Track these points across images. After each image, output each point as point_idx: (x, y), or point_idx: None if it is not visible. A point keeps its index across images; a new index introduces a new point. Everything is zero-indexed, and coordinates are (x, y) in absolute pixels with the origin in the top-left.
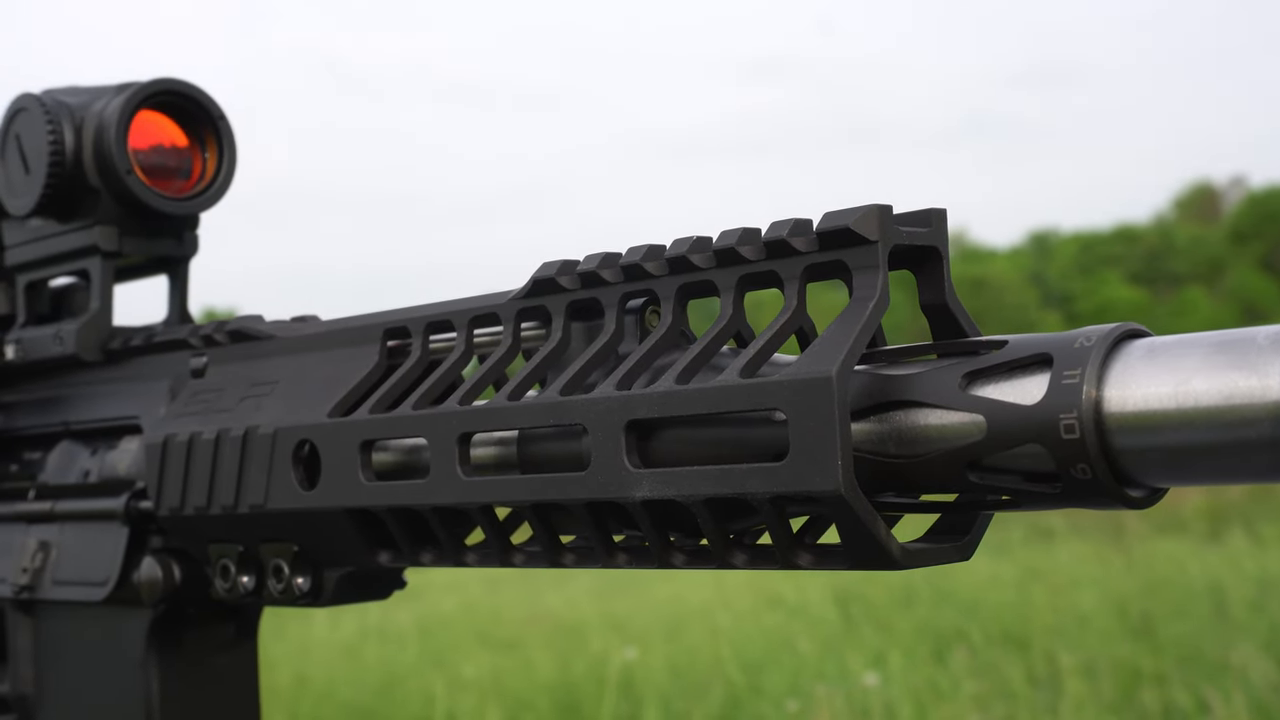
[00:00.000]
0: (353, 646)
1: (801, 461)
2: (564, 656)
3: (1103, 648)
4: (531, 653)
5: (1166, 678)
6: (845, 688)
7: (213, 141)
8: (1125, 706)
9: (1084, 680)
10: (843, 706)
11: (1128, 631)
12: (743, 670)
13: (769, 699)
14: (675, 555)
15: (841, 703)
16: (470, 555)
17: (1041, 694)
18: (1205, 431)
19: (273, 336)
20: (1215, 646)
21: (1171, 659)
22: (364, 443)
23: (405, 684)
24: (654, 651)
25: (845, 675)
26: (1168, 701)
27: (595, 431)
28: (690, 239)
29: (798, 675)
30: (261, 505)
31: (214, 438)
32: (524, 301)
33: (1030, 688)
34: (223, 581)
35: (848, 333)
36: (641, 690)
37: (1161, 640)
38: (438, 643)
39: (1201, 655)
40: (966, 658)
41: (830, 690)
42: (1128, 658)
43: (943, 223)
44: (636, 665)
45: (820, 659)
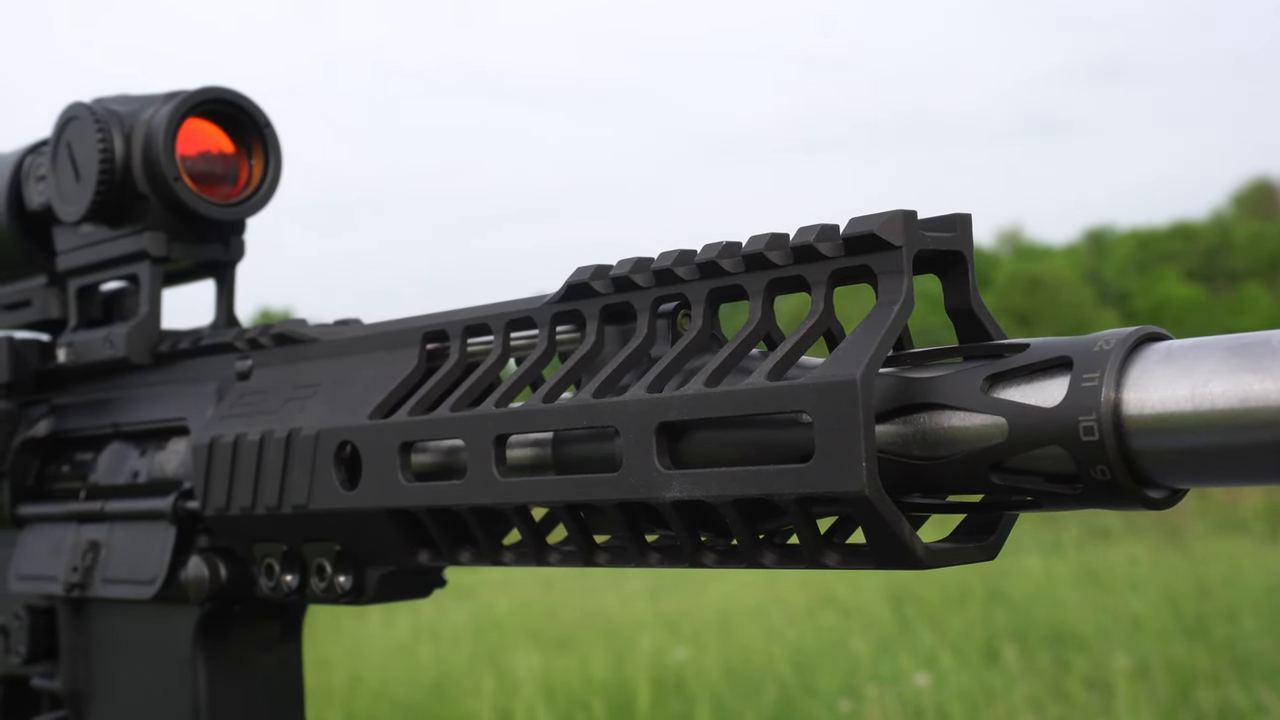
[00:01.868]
0: (406, 645)
1: (827, 463)
2: (617, 656)
3: (1157, 648)
4: (584, 652)
5: (1222, 679)
6: (897, 688)
7: (259, 148)
8: (1180, 707)
9: (1138, 681)
10: (895, 706)
11: (1183, 632)
12: (795, 670)
13: (821, 699)
14: (706, 555)
15: (894, 702)
16: (507, 555)
17: (1095, 695)
18: (1221, 434)
19: (315, 340)
20: (1272, 647)
21: (1227, 660)
22: (404, 444)
23: (458, 683)
24: (707, 651)
25: (898, 675)
26: (1223, 703)
27: (627, 433)
28: (720, 244)
29: (850, 675)
30: (304, 505)
31: (259, 439)
32: (559, 305)
33: (1083, 688)
34: (267, 580)
35: (872, 336)
36: (694, 690)
37: (1217, 641)
38: (491, 642)
39: (1258, 656)
40: (1019, 658)
41: (882, 690)
42: (1182, 658)
43: (968, 228)
44: (689, 665)
45: (874, 659)
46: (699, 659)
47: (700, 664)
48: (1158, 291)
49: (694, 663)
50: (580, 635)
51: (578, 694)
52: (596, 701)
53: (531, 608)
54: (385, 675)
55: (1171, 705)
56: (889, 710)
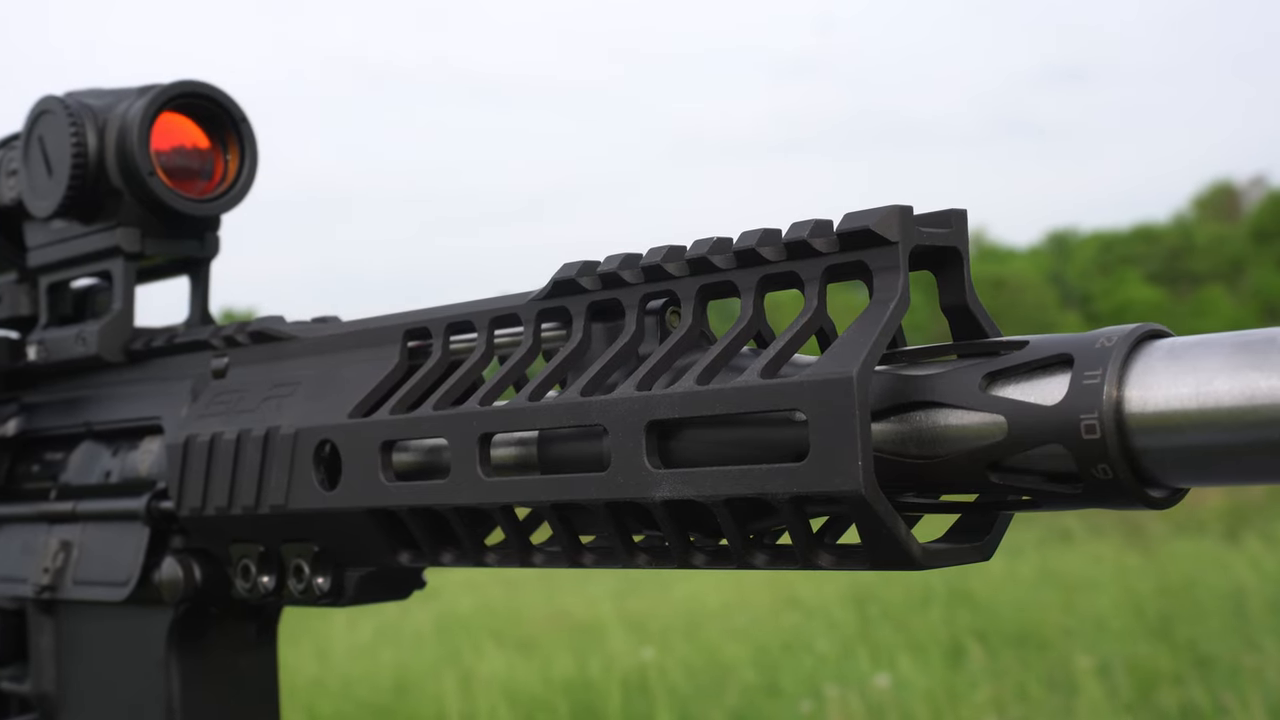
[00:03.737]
0: (370, 646)
1: (822, 462)
2: (581, 656)
3: (1119, 649)
4: (548, 652)
5: (1184, 679)
6: (860, 688)
7: (234, 143)
8: (1142, 708)
9: (1100, 681)
10: (857, 707)
11: (1145, 632)
12: (758, 670)
13: (784, 699)
14: (695, 555)
15: (856, 703)
16: (491, 555)
17: (1057, 695)
18: (1227, 432)
19: (294, 337)
20: (1233, 648)
21: (1189, 660)
22: (385, 443)
23: (422, 684)
24: (671, 651)
25: (860, 676)
26: (1185, 703)
27: (616, 432)
28: (711, 240)
29: (813, 676)
30: (283, 505)
31: (235, 438)
32: (545, 302)
33: (1046, 689)
34: (243, 581)
35: (868, 333)
36: (657, 690)
37: (1179, 641)
38: (455, 643)
39: (1219, 656)
40: (982, 659)
41: (844, 691)
42: (1145, 659)
43: (963, 223)
44: (653, 665)
45: (836, 659)
46: (663, 659)
47: (664, 664)
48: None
49: (658, 663)
50: (544, 636)
51: (541, 695)
52: (560, 702)
53: (495, 609)
54: (348, 676)
55: (1134, 705)
56: (851, 711)
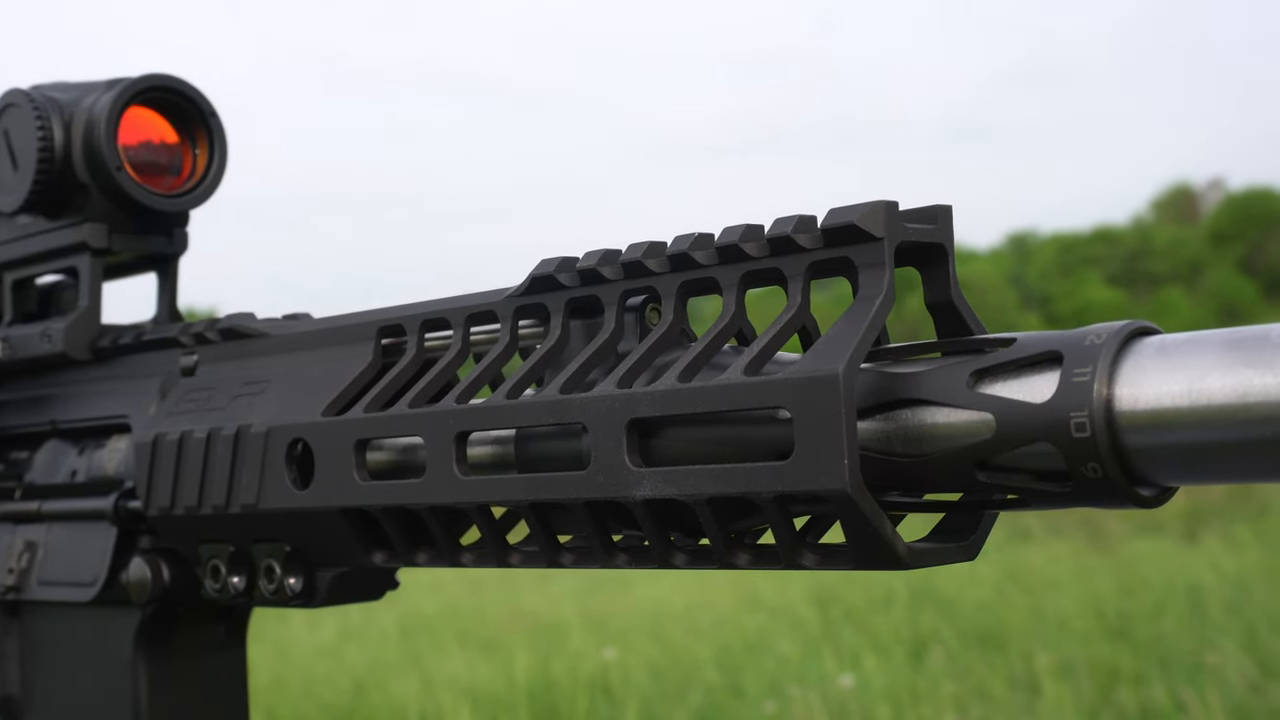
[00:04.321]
0: (332, 647)
1: (807, 460)
2: (544, 657)
3: (1080, 648)
4: (511, 653)
5: (1144, 678)
6: (823, 689)
7: (203, 138)
8: (1103, 707)
9: (1061, 681)
10: (820, 707)
11: (1105, 632)
12: (722, 671)
13: (747, 700)
14: (676, 555)
15: (819, 703)
16: (466, 555)
17: (1019, 695)
18: (1219, 430)
19: (265, 334)
20: (1192, 647)
21: (1149, 659)
22: (359, 441)
23: (384, 684)
24: (634, 652)
25: (823, 676)
26: (1145, 702)
27: (596, 430)
28: (692, 235)
29: (776, 676)
30: (254, 505)
31: (205, 437)
32: (522, 299)
33: (1008, 689)
34: (213, 582)
35: (854, 330)
36: (621, 691)
37: (1139, 641)
38: (417, 643)
39: (1179, 655)
40: (944, 659)
41: (807, 691)
42: (1105, 658)
43: (949, 219)
44: (616, 666)
45: (799, 660)
46: (626, 660)
47: (627, 665)
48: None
49: (621, 663)
50: (507, 636)
51: (503, 696)
52: (522, 702)
53: (458, 609)
54: (309, 676)
55: (1095, 705)
56: (814, 711)
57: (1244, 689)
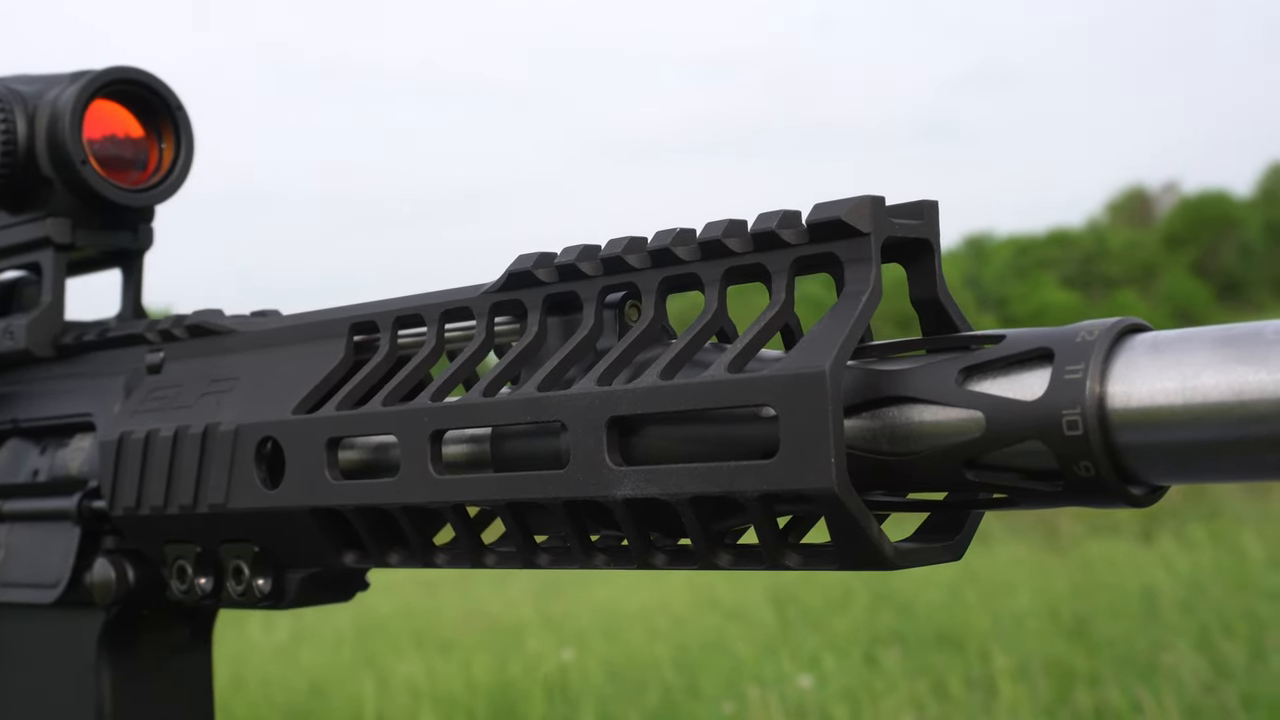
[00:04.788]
0: (287, 648)
1: (793, 459)
2: (500, 658)
3: (1037, 649)
4: (467, 654)
5: (1100, 678)
6: (780, 689)
7: (170, 132)
8: (1059, 707)
9: (1018, 681)
10: (777, 708)
11: (1062, 632)
12: (679, 672)
13: (705, 701)
14: (656, 556)
15: (776, 704)
16: (440, 556)
17: (976, 695)
18: (1214, 428)
19: (233, 331)
20: (1148, 647)
21: (1105, 659)
22: (331, 440)
23: (339, 686)
24: (591, 653)
25: (781, 677)
26: (1101, 702)
27: (575, 428)
28: (673, 231)
29: (734, 677)
30: (222, 505)
31: (172, 435)
32: (498, 295)
33: (965, 689)
34: (179, 583)
35: (840, 327)
36: (578, 692)
37: (1095, 641)
38: (373, 644)
39: (1134, 656)
40: (901, 659)
41: (765, 692)
42: (1062, 658)
43: (935, 215)
44: (573, 667)
45: (756, 660)
46: (583, 660)
47: (584, 665)
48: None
49: (578, 664)
50: (463, 638)
51: (461, 697)
52: (479, 704)
53: (414, 610)
54: (265, 678)
55: (1051, 705)
56: (771, 711)
57: (1198, 689)
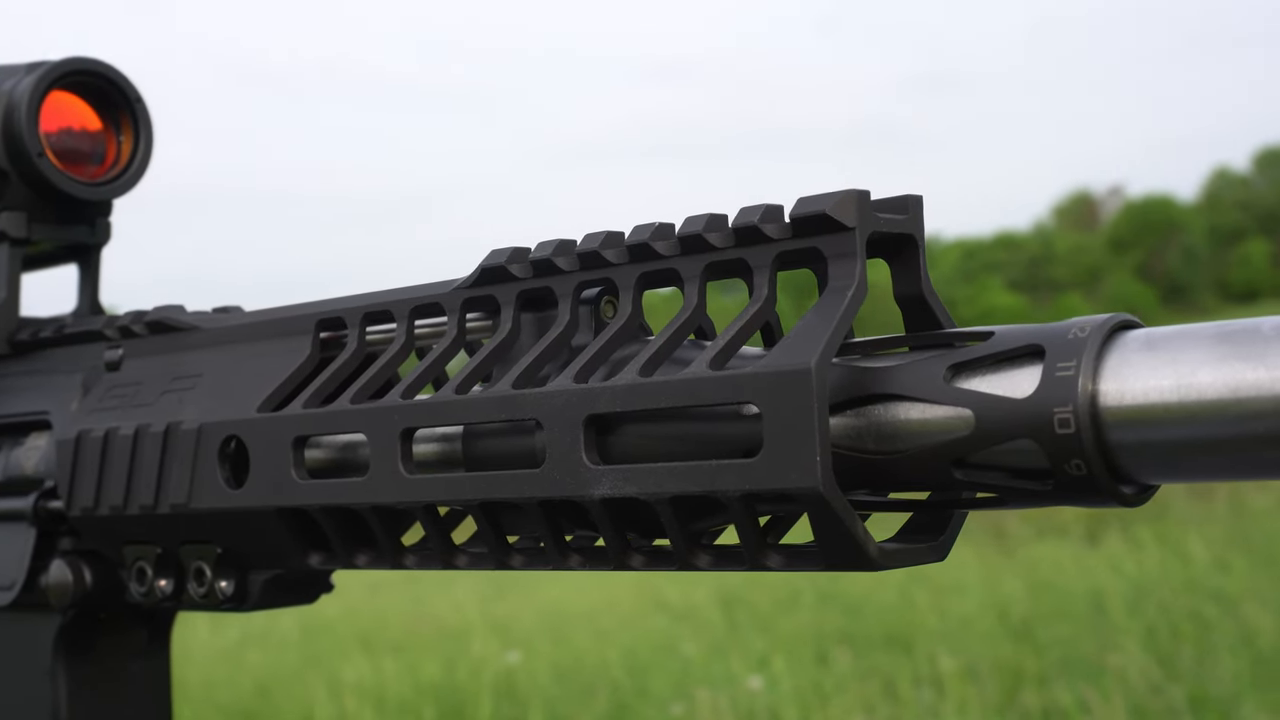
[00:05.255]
0: (233, 650)
1: (777, 457)
2: (448, 660)
3: (985, 649)
4: (414, 656)
5: (1047, 679)
6: (730, 691)
7: (128, 124)
8: (1007, 707)
9: (967, 682)
10: (727, 709)
11: (1010, 633)
12: (628, 673)
13: (653, 702)
14: (633, 557)
15: (726, 705)
16: (410, 557)
17: (925, 696)
18: (1210, 426)
19: (196, 328)
20: (1094, 648)
21: (1052, 660)
22: (298, 439)
23: (286, 688)
24: (539, 655)
25: (730, 678)
26: (1048, 703)
27: (551, 426)
28: (652, 225)
29: (682, 678)
30: (184, 505)
31: (132, 434)
32: (471, 291)
33: (914, 689)
34: (138, 585)
35: (826, 323)
36: (526, 694)
37: (1042, 642)
38: (319, 647)
39: (1081, 657)
40: (850, 660)
41: (715, 693)
42: (1010, 659)
43: (919, 209)
44: (521, 669)
45: (705, 662)
46: (531, 663)
47: (532, 668)
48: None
49: (526, 666)
50: (411, 640)
51: (408, 700)
52: (427, 706)
53: (359, 613)
54: (211, 680)
55: (1000, 705)
56: (721, 713)
57: (1145, 689)
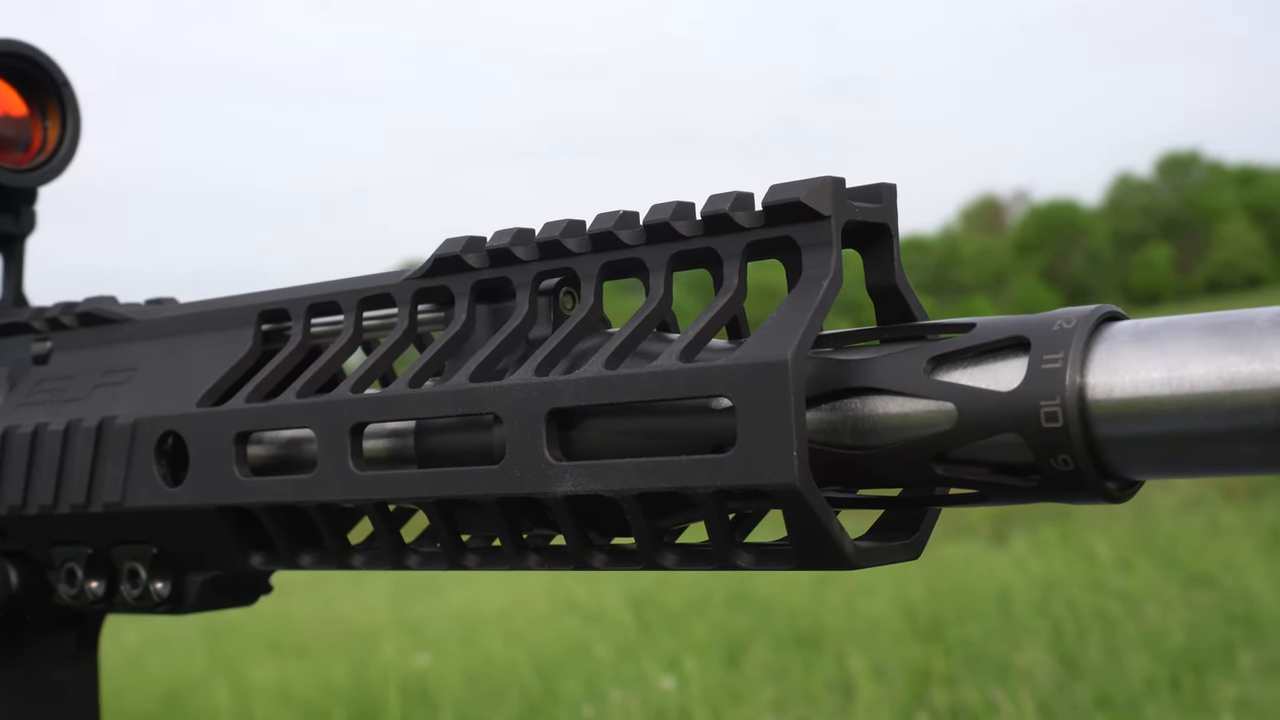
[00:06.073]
0: (136, 655)
1: (751, 452)
2: (357, 663)
3: (894, 649)
4: (323, 659)
5: (956, 678)
6: (641, 692)
7: (55, 110)
8: (916, 707)
9: (876, 682)
10: (639, 710)
11: (918, 634)
12: (539, 675)
13: (565, 704)
14: (595, 556)
15: (638, 706)
16: (357, 557)
17: (835, 696)
18: (1203, 420)
19: (129, 320)
20: (1002, 647)
21: (960, 660)
22: (240, 434)
23: (193, 693)
24: (449, 657)
25: (641, 679)
26: (957, 702)
27: (512, 421)
28: (615, 213)
29: (594, 680)
30: (118, 504)
31: (63, 429)
32: (423, 281)
33: (824, 690)
34: (68, 587)
35: (801, 314)
36: (437, 696)
37: (951, 642)
38: (225, 650)
39: (989, 656)
40: (761, 661)
41: (626, 694)
42: (918, 659)
43: (894, 198)
44: (431, 671)
45: (616, 663)
46: (441, 665)
47: (442, 670)
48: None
49: (436, 669)
50: (318, 642)
51: (317, 703)
52: (337, 710)
53: (265, 615)
54: (114, 686)
55: (909, 705)
56: (633, 714)
57: (1051, 688)
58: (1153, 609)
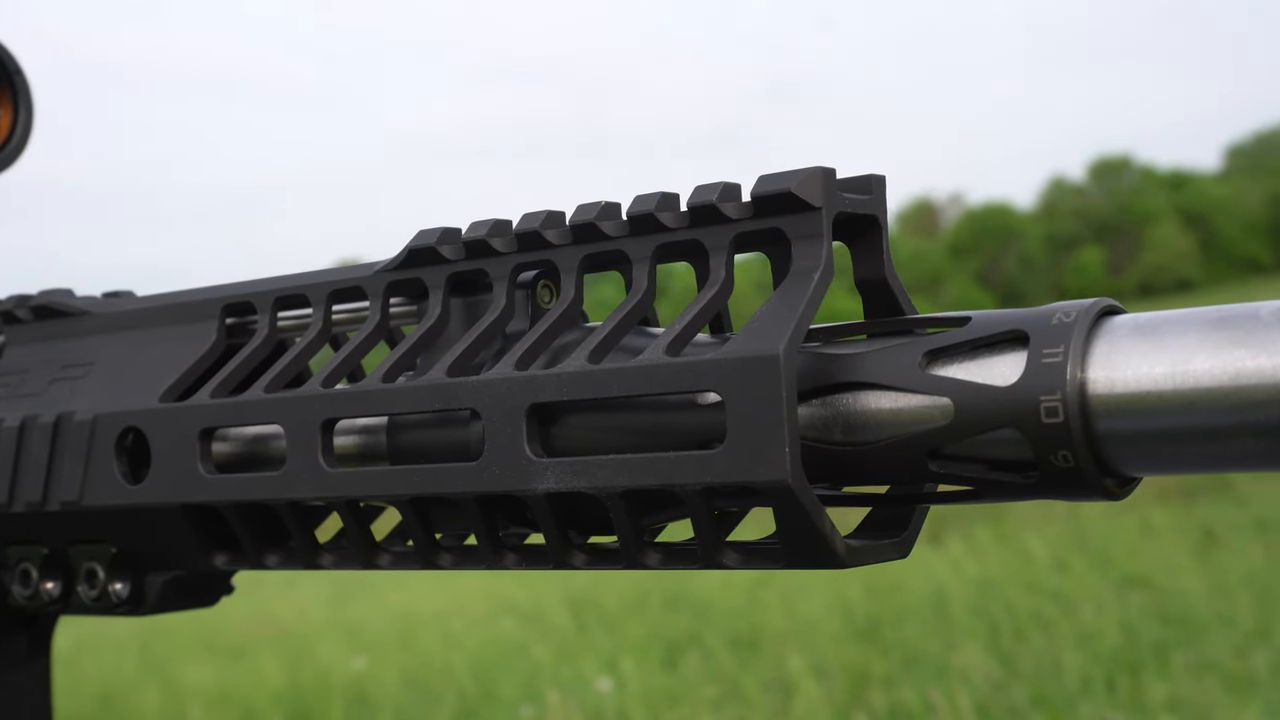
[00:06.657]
0: (68, 657)
1: (741, 449)
2: (293, 665)
3: (832, 650)
4: (259, 661)
5: (893, 679)
6: (579, 693)
7: (7, 98)
8: (854, 708)
9: (814, 682)
10: (577, 711)
11: (855, 635)
12: (476, 677)
13: (503, 706)
14: (575, 555)
15: (575, 708)
16: (326, 557)
17: (773, 697)
18: (1207, 415)
19: (87, 313)
20: (938, 648)
21: (898, 661)
22: (205, 430)
23: (125, 695)
24: (386, 659)
25: (579, 681)
26: (895, 702)
27: (491, 417)
28: (597, 204)
29: (532, 681)
30: (76, 502)
31: (17, 425)
32: (396, 273)
33: (762, 691)
34: (22, 588)
35: (792, 307)
36: (375, 699)
37: (888, 643)
38: (159, 652)
39: (926, 657)
40: (699, 662)
41: (564, 696)
42: (856, 660)
43: (883, 190)
44: (368, 674)
45: (554, 665)
46: (378, 668)
47: (379, 672)
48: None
49: (373, 671)
50: (254, 644)
51: (254, 705)
52: (273, 713)
53: (198, 616)
54: None
55: (847, 705)
56: (570, 715)
57: (987, 688)
58: (1088, 609)
